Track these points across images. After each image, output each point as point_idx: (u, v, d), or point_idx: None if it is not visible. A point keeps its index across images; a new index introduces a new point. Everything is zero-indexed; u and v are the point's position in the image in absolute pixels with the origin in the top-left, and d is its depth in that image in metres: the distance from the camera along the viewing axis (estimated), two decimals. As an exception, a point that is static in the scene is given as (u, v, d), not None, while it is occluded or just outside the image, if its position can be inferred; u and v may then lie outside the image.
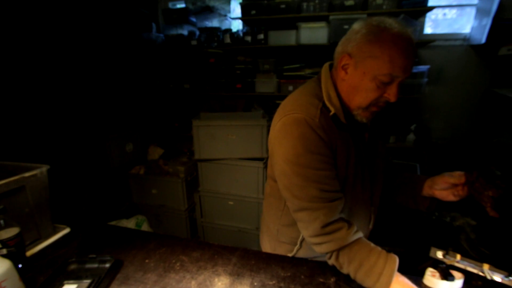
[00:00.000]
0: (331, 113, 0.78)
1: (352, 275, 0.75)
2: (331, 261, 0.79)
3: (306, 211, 0.76)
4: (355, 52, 0.74)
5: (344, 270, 0.77)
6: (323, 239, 0.75)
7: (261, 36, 2.35)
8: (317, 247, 0.79)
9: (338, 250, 0.75)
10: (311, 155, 0.74)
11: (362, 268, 0.72)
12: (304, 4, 2.19)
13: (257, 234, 1.95)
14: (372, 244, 0.76)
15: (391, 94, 0.74)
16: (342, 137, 0.80)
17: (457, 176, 0.83)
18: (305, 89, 0.85)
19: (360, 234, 0.77)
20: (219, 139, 2.14)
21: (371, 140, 0.90)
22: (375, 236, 1.06)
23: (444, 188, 0.86)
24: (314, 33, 2.22)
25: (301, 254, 0.96)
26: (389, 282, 0.68)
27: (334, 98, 0.80)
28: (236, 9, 2.75)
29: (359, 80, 0.75)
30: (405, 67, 0.70)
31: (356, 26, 0.75)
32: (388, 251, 0.76)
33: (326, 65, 0.87)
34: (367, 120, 0.81)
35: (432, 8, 2.06)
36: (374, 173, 0.92)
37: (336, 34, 2.16)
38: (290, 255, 0.96)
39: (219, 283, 0.80)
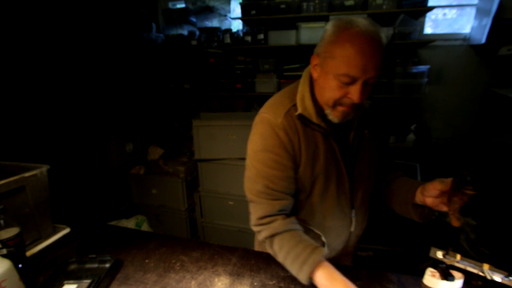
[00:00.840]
0: (297, 113, 0.80)
1: (282, 262, 0.80)
2: (268, 249, 0.84)
3: (252, 203, 0.85)
4: (321, 52, 0.76)
5: (278, 258, 0.81)
6: (260, 228, 0.83)
7: (261, 36, 2.35)
8: (257, 235, 0.85)
9: (272, 238, 0.81)
10: (266, 153, 0.81)
11: (289, 256, 0.76)
12: (304, 4, 2.19)
13: (257, 234, 1.95)
14: (306, 237, 0.79)
15: (353, 95, 0.72)
16: (310, 137, 0.82)
17: (447, 183, 0.75)
18: (285, 90, 0.89)
19: (296, 227, 0.82)
20: (219, 139, 2.14)
21: (356, 141, 0.88)
22: (375, 236, 1.06)
23: (434, 195, 0.77)
24: (314, 33, 2.22)
25: None
26: (309, 272, 0.72)
27: (307, 98, 0.82)
28: (236, 9, 2.75)
29: (324, 80, 0.76)
30: (363, 68, 0.69)
31: (327, 25, 0.77)
32: (388, 251, 0.76)
33: (309, 66, 0.87)
34: (340, 120, 0.80)
35: (432, 8, 2.06)
36: (356, 176, 0.89)
37: (336, 34, 2.16)
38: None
39: (219, 283, 0.80)
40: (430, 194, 0.78)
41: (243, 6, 2.29)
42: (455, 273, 0.77)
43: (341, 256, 1.01)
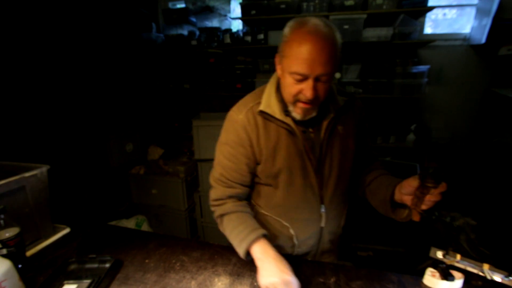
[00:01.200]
0: (258, 110, 0.87)
1: (228, 238, 0.88)
2: (219, 226, 0.94)
3: (211, 187, 0.97)
4: (280, 51, 0.81)
5: (225, 234, 0.90)
6: (213, 208, 0.95)
7: (261, 36, 2.35)
8: (213, 214, 0.96)
9: (222, 217, 0.91)
10: (225, 146, 0.92)
11: (233, 233, 0.86)
12: (304, 4, 2.19)
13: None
14: (251, 220, 0.88)
15: (306, 91, 0.76)
16: (271, 132, 0.88)
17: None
18: (256, 89, 0.96)
19: (244, 210, 0.91)
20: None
21: (327, 137, 0.89)
22: (375, 236, 1.06)
23: (410, 193, 0.75)
24: (314, 33, 2.22)
25: None
26: (246, 247, 0.80)
27: (272, 96, 0.88)
28: (236, 9, 2.75)
29: (283, 78, 0.81)
30: (310, 65, 0.72)
31: (286, 25, 0.81)
32: (388, 251, 0.77)
33: None
34: (302, 117, 0.83)
35: (432, 8, 2.06)
36: (326, 172, 0.91)
37: (336, 34, 2.16)
38: None
39: (219, 283, 0.80)
40: (406, 192, 0.76)
41: (243, 6, 2.29)
42: (455, 273, 0.77)
43: (321, 253, 1.02)
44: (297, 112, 0.83)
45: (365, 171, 0.99)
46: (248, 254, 0.82)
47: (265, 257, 0.77)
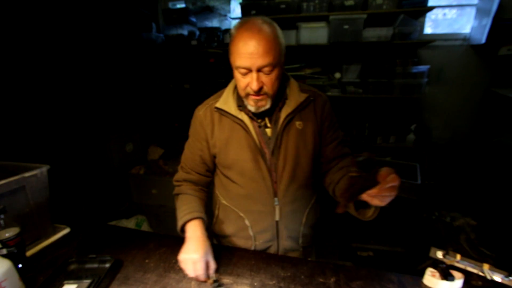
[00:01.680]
0: (214, 106, 0.95)
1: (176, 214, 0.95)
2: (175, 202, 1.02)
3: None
4: (229, 49, 0.87)
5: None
6: (174, 187, 1.04)
7: (261, 36, 2.35)
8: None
9: (176, 196, 1.01)
10: (189, 137, 1.04)
11: (178, 211, 0.94)
12: (304, 4, 2.19)
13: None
14: (194, 204, 0.94)
15: (251, 83, 0.83)
16: (225, 126, 0.95)
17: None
18: (223, 88, 1.03)
19: (196, 194, 0.99)
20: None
21: (281, 132, 0.92)
22: (375, 236, 1.06)
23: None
24: (314, 33, 2.22)
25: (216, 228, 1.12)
26: (181, 224, 0.88)
27: (229, 93, 0.96)
28: (236, 9, 2.75)
29: (234, 74, 0.88)
30: (249, 59, 0.79)
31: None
32: (388, 251, 0.76)
33: None
34: (256, 109, 0.88)
35: (432, 8, 2.06)
36: (280, 166, 0.93)
37: (336, 34, 2.16)
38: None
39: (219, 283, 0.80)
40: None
41: (243, 6, 2.29)
42: (455, 273, 0.77)
43: (284, 251, 1.03)
44: (250, 105, 0.88)
45: (334, 170, 0.99)
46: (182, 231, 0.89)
47: (192, 236, 0.85)
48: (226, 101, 0.95)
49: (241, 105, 0.93)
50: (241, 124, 0.93)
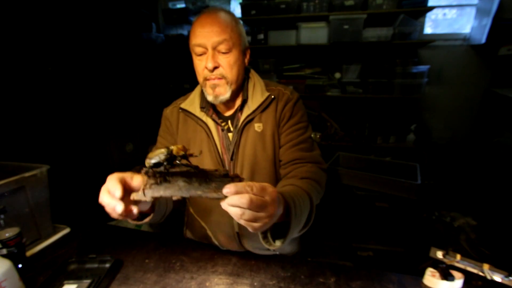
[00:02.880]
0: (178, 106, 0.95)
1: None
2: None
3: None
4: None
5: None
6: None
7: (261, 36, 2.35)
8: None
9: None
10: (159, 136, 1.03)
11: None
12: (304, 4, 2.19)
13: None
14: None
15: (206, 62, 0.81)
16: (189, 127, 0.93)
17: None
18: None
19: None
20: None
21: (241, 136, 0.87)
22: (375, 236, 1.06)
23: None
24: (314, 33, 2.22)
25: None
26: None
27: (197, 94, 0.95)
28: (236, 9, 2.75)
29: (193, 62, 0.87)
30: (204, 35, 0.79)
31: None
32: (388, 251, 0.76)
33: None
34: (215, 98, 0.85)
35: (432, 8, 2.06)
36: (238, 172, 0.88)
37: (336, 34, 2.16)
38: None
39: (219, 283, 0.80)
40: None
41: (243, 6, 2.29)
42: (455, 273, 0.77)
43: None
44: (208, 93, 0.85)
45: (283, 179, 0.87)
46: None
47: None
48: (192, 102, 0.93)
49: (204, 107, 0.90)
50: (204, 127, 0.89)
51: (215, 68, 0.81)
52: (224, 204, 0.51)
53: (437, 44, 2.27)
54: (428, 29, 2.46)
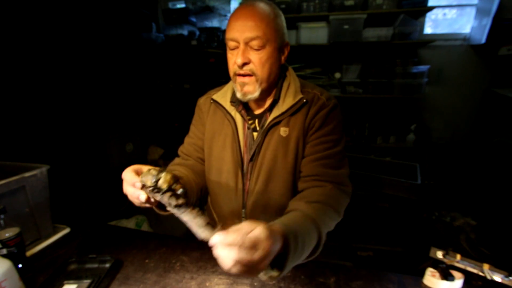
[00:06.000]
0: (211, 96, 0.95)
1: None
2: None
3: None
4: None
5: None
6: None
7: (261, 36, 2.35)
8: None
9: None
10: (192, 125, 1.03)
11: None
12: (304, 4, 2.19)
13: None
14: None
15: (236, 57, 0.78)
16: (217, 120, 0.92)
17: None
18: None
19: (178, 169, 0.90)
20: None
21: (264, 139, 0.84)
22: (375, 236, 1.05)
23: None
24: (314, 33, 2.22)
25: None
26: None
27: (230, 85, 0.92)
28: (236, 9, 2.75)
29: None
30: (238, 29, 0.76)
31: None
32: (388, 251, 0.76)
33: None
34: (243, 96, 0.81)
35: (432, 8, 2.06)
36: (254, 176, 0.85)
37: (336, 34, 2.16)
38: None
39: (219, 283, 0.80)
40: None
41: (243, 6, 2.29)
42: (455, 273, 0.77)
43: None
44: (237, 90, 0.82)
45: (297, 196, 0.81)
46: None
47: None
48: (224, 94, 0.92)
49: (234, 102, 0.88)
50: (231, 122, 0.87)
51: (245, 64, 0.78)
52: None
53: (437, 44, 2.27)
54: (428, 29, 2.46)
